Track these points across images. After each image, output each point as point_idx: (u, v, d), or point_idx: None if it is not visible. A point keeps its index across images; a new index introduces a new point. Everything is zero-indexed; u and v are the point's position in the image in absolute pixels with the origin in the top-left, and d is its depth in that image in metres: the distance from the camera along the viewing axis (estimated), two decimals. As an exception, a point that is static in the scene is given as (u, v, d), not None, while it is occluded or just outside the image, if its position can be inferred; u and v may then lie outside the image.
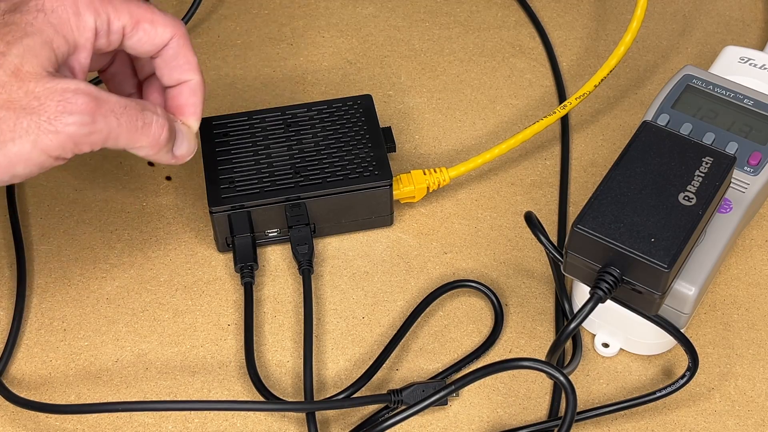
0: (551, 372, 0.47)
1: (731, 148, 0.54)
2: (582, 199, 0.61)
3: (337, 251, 0.59)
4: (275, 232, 0.58)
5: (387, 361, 0.54)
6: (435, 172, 0.60)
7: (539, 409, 0.52)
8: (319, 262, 0.58)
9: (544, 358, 0.48)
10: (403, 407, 0.49)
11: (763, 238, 0.59)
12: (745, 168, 0.53)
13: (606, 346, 0.54)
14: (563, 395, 0.50)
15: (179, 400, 0.52)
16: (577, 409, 0.50)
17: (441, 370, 0.53)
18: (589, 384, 0.53)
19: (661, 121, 0.55)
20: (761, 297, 0.56)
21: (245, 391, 0.53)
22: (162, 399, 0.52)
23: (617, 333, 0.53)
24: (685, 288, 0.49)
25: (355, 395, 0.52)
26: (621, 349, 0.54)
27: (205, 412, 0.52)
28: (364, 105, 0.60)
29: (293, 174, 0.57)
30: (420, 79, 0.68)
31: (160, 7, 0.73)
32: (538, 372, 0.48)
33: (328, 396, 0.52)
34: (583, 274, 0.49)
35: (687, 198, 0.47)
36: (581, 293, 0.54)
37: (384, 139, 0.59)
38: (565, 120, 0.65)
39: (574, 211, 0.61)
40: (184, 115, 0.51)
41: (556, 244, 0.52)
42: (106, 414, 0.51)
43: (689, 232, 0.46)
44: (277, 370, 0.54)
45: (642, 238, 0.46)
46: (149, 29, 0.48)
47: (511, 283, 0.57)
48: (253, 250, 0.57)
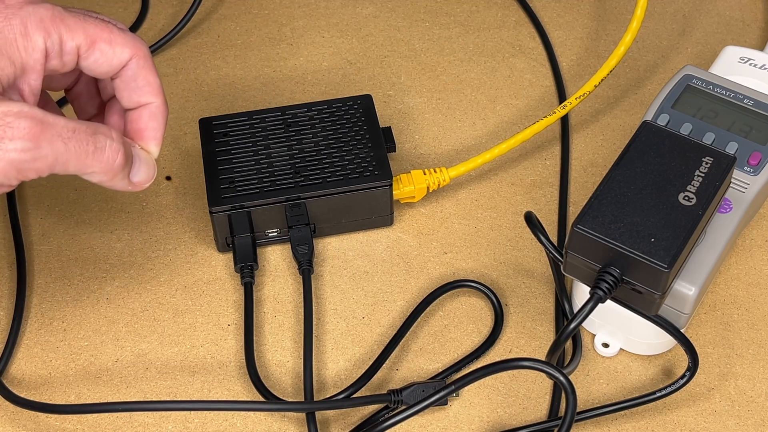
0: (551, 372, 0.47)
1: (731, 148, 0.54)
2: (582, 199, 0.61)
3: (337, 251, 0.59)
4: (275, 232, 0.58)
5: (387, 361, 0.54)
6: (435, 172, 0.60)
7: (539, 409, 0.52)
8: (319, 262, 0.58)
9: (544, 358, 0.48)
10: (403, 407, 0.49)
11: (763, 238, 0.59)
12: (745, 168, 0.53)
13: (606, 346, 0.54)
14: (563, 395, 0.50)
15: (179, 400, 0.52)
16: (577, 409, 0.50)
17: (441, 370, 0.53)
18: (589, 384, 0.53)
19: (661, 121, 0.55)
20: (761, 297, 0.56)
21: (245, 391, 0.53)
22: (162, 399, 0.52)
23: (617, 333, 0.53)
24: (685, 288, 0.49)
25: (355, 395, 0.52)
26: (621, 349, 0.54)
27: (205, 412, 0.52)
28: (364, 105, 0.60)
29: (293, 174, 0.57)
30: (420, 79, 0.68)
31: (161, 7, 0.74)
32: (538, 372, 0.48)
33: (328, 396, 0.52)
34: (583, 274, 0.48)
35: (687, 198, 0.47)
36: (581, 293, 0.54)
37: (384, 139, 0.59)
38: (565, 120, 0.65)
39: (574, 211, 0.61)
40: (144, 139, 0.48)
41: (556, 244, 0.52)
42: (106, 414, 0.51)
43: (689, 232, 0.46)
44: (277, 370, 0.54)
45: (642, 238, 0.46)
46: (106, 49, 0.46)
47: (511, 283, 0.57)
48: (253, 250, 0.57)
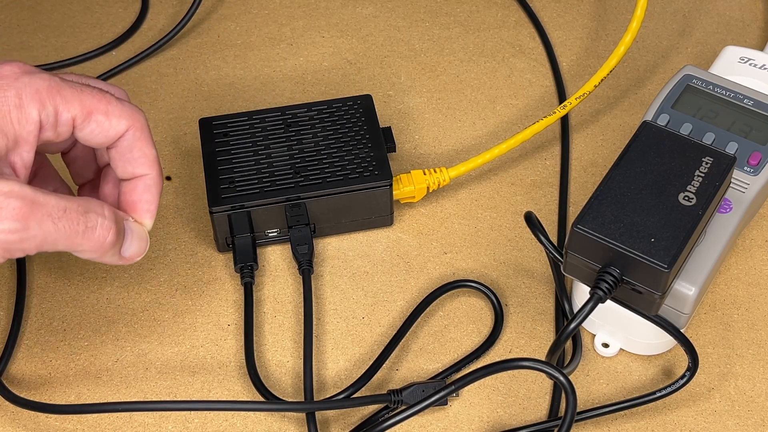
0: (551, 372, 0.47)
1: (731, 148, 0.54)
2: (582, 199, 0.61)
3: (337, 251, 0.59)
4: (275, 232, 0.58)
5: (387, 361, 0.54)
6: (435, 172, 0.60)
7: (539, 409, 0.52)
8: (319, 262, 0.58)
9: (544, 358, 0.48)
10: (403, 407, 0.49)
11: (763, 238, 0.59)
12: (745, 168, 0.53)
13: (606, 346, 0.54)
14: (563, 395, 0.50)
15: (179, 400, 0.52)
16: (577, 409, 0.50)
17: (441, 370, 0.53)
18: (589, 384, 0.53)
19: (661, 121, 0.55)
20: (761, 297, 0.56)
21: (245, 391, 0.53)
22: (162, 399, 0.52)
23: (617, 333, 0.53)
24: (685, 288, 0.49)
25: (355, 395, 0.52)
26: (621, 349, 0.54)
27: (205, 412, 0.52)
28: (364, 105, 0.60)
29: (293, 174, 0.57)
30: (420, 79, 0.68)
31: (161, 8, 0.74)
32: (538, 372, 0.48)
33: (328, 396, 0.52)
34: (583, 274, 0.48)
35: (687, 198, 0.47)
36: (581, 293, 0.54)
37: (384, 139, 0.59)
38: (565, 120, 0.65)
39: (574, 211, 0.61)
40: (137, 212, 0.47)
41: (556, 244, 0.52)
42: (106, 414, 0.51)
43: (689, 232, 0.46)
44: (277, 370, 0.54)
45: (642, 238, 0.46)
46: (102, 121, 0.45)
47: (511, 283, 0.57)
48: (253, 250, 0.57)
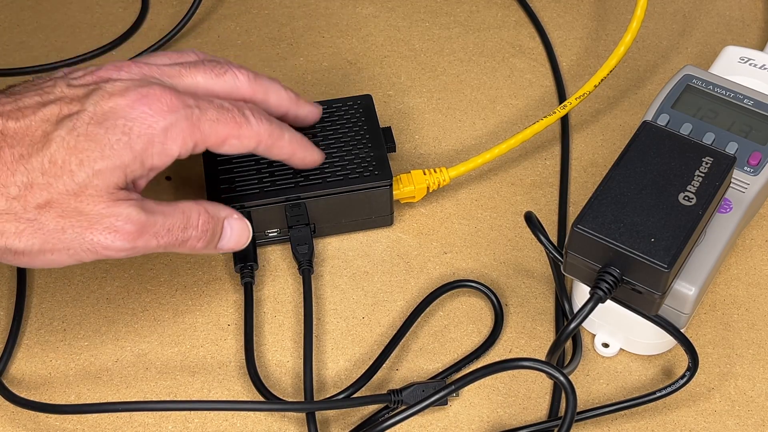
0: (551, 372, 0.47)
1: (731, 148, 0.54)
2: (582, 199, 0.61)
3: (337, 251, 0.59)
4: (275, 232, 0.58)
5: (387, 361, 0.53)
6: (435, 172, 0.60)
7: (539, 409, 0.52)
8: (319, 262, 0.58)
9: (544, 358, 0.48)
10: (403, 407, 0.49)
11: (763, 238, 0.59)
12: (745, 168, 0.53)
13: (606, 346, 0.54)
14: (563, 395, 0.50)
15: (179, 400, 0.52)
16: (577, 409, 0.50)
17: (441, 370, 0.53)
18: (589, 384, 0.53)
19: (661, 121, 0.55)
20: (761, 297, 0.56)
21: (245, 391, 0.53)
22: (162, 399, 0.52)
23: (617, 333, 0.53)
24: (685, 288, 0.49)
25: (355, 395, 0.52)
26: (621, 349, 0.54)
27: (205, 412, 0.52)
28: (364, 105, 0.60)
29: (293, 174, 0.57)
30: (420, 79, 0.68)
31: (161, 8, 0.74)
32: (538, 372, 0.48)
33: (328, 396, 0.52)
34: (583, 274, 0.48)
35: (687, 198, 0.47)
36: (581, 293, 0.54)
37: (384, 139, 0.59)
38: (565, 120, 0.65)
39: (574, 211, 0.61)
40: (306, 166, 0.54)
41: (556, 244, 0.52)
42: (106, 414, 0.51)
43: (689, 232, 0.46)
44: (277, 370, 0.54)
45: (642, 238, 0.46)
46: (235, 144, 0.49)
47: (511, 283, 0.57)
48: (253, 250, 0.57)
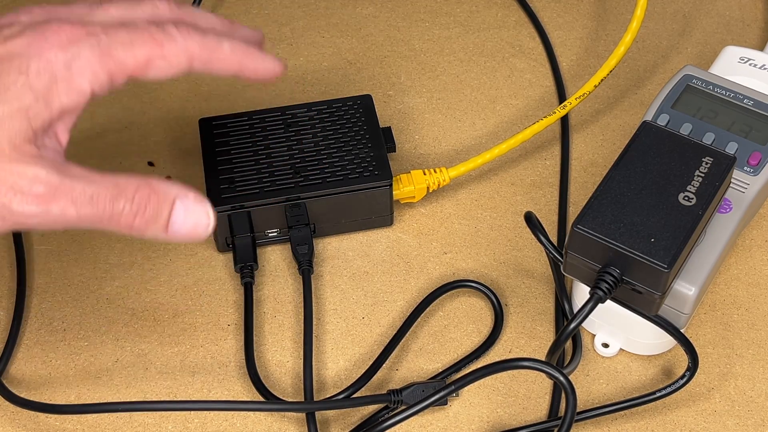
0: (551, 372, 0.47)
1: (731, 148, 0.54)
2: (582, 199, 0.61)
3: (337, 251, 0.59)
4: (275, 232, 0.58)
5: (387, 361, 0.53)
6: (435, 172, 0.60)
7: (539, 409, 0.52)
8: (319, 262, 0.58)
9: (544, 358, 0.48)
10: (403, 407, 0.49)
11: (763, 238, 0.59)
12: (745, 168, 0.53)
13: (606, 346, 0.54)
14: (563, 395, 0.50)
15: (179, 400, 0.52)
16: (577, 409, 0.50)
17: (441, 370, 0.53)
18: (589, 384, 0.53)
19: (661, 121, 0.55)
20: (761, 297, 0.56)
21: (245, 391, 0.53)
22: (162, 399, 0.52)
23: (617, 333, 0.53)
24: (685, 288, 0.49)
25: (355, 395, 0.52)
26: (621, 349, 0.54)
27: (205, 412, 0.52)
28: (364, 105, 0.60)
29: (293, 174, 0.57)
30: (420, 79, 0.68)
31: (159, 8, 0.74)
32: (538, 372, 0.48)
33: (328, 396, 0.52)
34: (583, 274, 0.48)
35: (687, 198, 0.47)
36: (581, 293, 0.54)
37: (384, 139, 0.59)
38: (565, 120, 0.65)
39: (574, 211, 0.61)
40: (263, 74, 0.46)
41: (556, 244, 0.52)
42: (106, 414, 0.51)
43: (689, 232, 0.46)
44: (277, 370, 0.54)
45: (642, 238, 0.46)
46: (162, 65, 0.43)
47: (511, 283, 0.57)
48: (253, 250, 0.57)
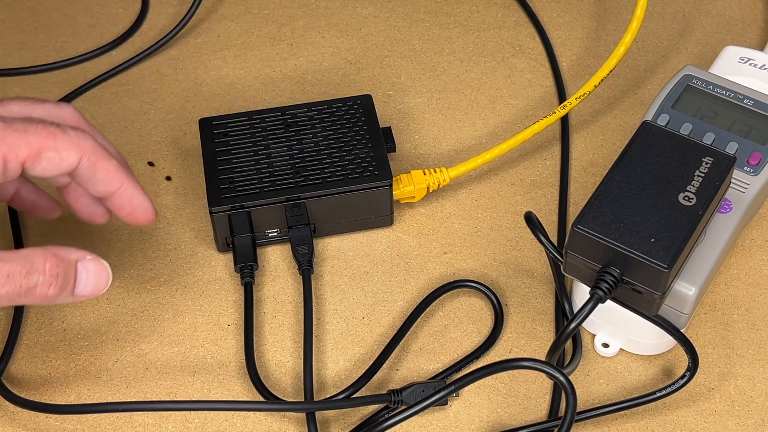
0: (551, 372, 0.47)
1: (731, 148, 0.54)
2: (582, 199, 0.61)
3: (337, 251, 0.59)
4: (275, 232, 0.58)
5: (387, 361, 0.53)
6: (435, 172, 0.60)
7: (539, 409, 0.52)
8: (319, 262, 0.58)
9: (544, 358, 0.48)
10: (403, 407, 0.49)
11: (763, 238, 0.59)
12: (745, 168, 0.53)
13: (606, 346, 0.54)
14: (563, 395, 0.50)
15: (179, 400, 0.52)
16: (577, 409, 0.50)
17: (441, 370, 0.53)
18: (589, 384, 0.53)
19: (661, 121, 0.55)
20: (761, 297, 0.56)
21: (245, 391, 0.53)
22: (162, 399, 0.52)
23: (617, 333, 0.53)
24: (685, 288, 0.49)
25: (355, 395, 0.52)
26: (621, 349, 0.54)
27: (205, 412, 0.52)
28: (364, 105, 0.60)
29: (293, 174, 0.57)
30: (420, 79, 0.68)
31: (161, 8, 0.74)
32: (538, 372, 0.48)
33: (328, 396, 0.52)
34: (583, 274, 0.48)
35: (687, 198, 0.47)
36: (581, 293, 0.54)
37: (384, 139, 0.59)
38: (565, 120, 0.65)
39: (574, 211, 0.61)
40: (138, 218, 0.48)
41: (556, 244, 0.52)
42: (106, 414, 0.51)
43: (689, 232, 0.46)
44: (277, 370, 0.54)
45: (642, 238, 0.46)
46: (53, 157, 0.44)
47: (511, 283, 0.57)
48: (253, 250, 0.57)
